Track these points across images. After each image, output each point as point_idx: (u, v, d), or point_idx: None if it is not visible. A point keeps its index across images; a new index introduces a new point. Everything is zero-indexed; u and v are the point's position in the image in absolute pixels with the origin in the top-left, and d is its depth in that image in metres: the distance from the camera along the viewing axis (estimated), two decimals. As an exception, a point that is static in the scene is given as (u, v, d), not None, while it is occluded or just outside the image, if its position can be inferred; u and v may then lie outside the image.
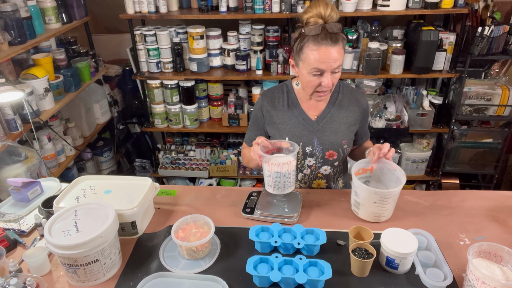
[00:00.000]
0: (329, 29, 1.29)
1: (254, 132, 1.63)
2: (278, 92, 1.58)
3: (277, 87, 1.61)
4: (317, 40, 1.30)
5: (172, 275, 1.14)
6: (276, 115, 1.56)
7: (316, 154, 1.55)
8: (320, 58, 1.31)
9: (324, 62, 1.31)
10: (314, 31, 1.30)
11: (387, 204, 1.30)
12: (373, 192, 1.28)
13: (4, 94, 1.82)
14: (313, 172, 1.59)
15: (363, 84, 2.70)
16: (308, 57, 1.33)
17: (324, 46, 1.29)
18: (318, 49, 1.30)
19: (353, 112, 1.55)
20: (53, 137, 2.47)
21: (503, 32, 2.39)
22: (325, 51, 1.30)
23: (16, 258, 1.26)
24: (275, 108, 1.56)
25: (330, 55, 1.30)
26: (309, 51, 1.32)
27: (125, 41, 3.16)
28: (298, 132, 1.53)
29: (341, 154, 1.56)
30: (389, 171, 1.40)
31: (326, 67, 1.32)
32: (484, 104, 2.63)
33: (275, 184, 1.33)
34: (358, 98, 1.56)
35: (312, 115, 1.54)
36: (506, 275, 1.03)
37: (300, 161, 1.57)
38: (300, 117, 1.54)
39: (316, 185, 1.62)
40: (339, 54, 1.32)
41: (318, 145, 1.54)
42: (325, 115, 1.54)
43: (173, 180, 3.18)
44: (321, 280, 1.07)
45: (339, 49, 1.32)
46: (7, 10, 2.09)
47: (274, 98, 1.57)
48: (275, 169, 1.29)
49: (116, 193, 1.35)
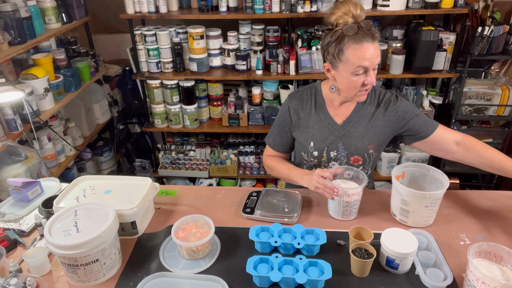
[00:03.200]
0: (365, 27, 1.29)
1: (280, 135, 1.60)
2: (307, 94, 1.55)
3: (306, 88, 1.57)
4: (357, 38, 1.29)
5: (172, 275, 1.14)
6: (303, 118, 1.53)
7: (341, 159, 1.52)
8: (363, 56, 1.29)
9: (368, 59, 1.30)
10: (352, 30, 1.29)
11: (437, 205, 1.29)
12: (425, 196, 1.24)
13: (4, 94, 1.82)
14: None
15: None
16: (351, 57, 1.31)
17: (366, 43, 1.29)
18: (360, 47, 1.29)
19: (381, 114, 1.48)
20: (53, 137, 2.47)
21: (503, 32, 2.39)
22: (367, 48, 1.29)
23: (16, 258, 1.26)
24: (303, 110, 1.53)
25: (372, 52, 1.30)
26: (351, 50, 1.30)
27: (125, 41, 3.16)
28: (323, 136, 1.50)
29: (367, 159, 1.52)
30: (421, 174, 1.40)
31: (370, 64, 1.31)
32: (484, 104, 2.63)
33: (343, 212, 1.35)
34: (389, 102, 1.49)
35: (338, 120, 1.51)
36: (506, 275, 1.03)
37: (324, 164, 1.54)
38: (326, 121, 1.51)
39: None
40: (378, 50, 1.32)
41: (343, 150, 1.51)
42: (351, 119, 1.50)
43: (173, 180, 3.18)
44: (321, 280, 1.07)
45: (377, 45, 1.32)
46: (7, 10, 2.09)
47: (302, 100, 1.54)
48: (346, 199, 1.31)
49: (116, 193, 1.35)
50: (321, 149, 1.51)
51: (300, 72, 2.66)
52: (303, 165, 1.60)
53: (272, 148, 1.64)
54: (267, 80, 2.78)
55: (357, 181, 1.39)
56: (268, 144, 1.65)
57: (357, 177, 1.39)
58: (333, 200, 1.35)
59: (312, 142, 1.51)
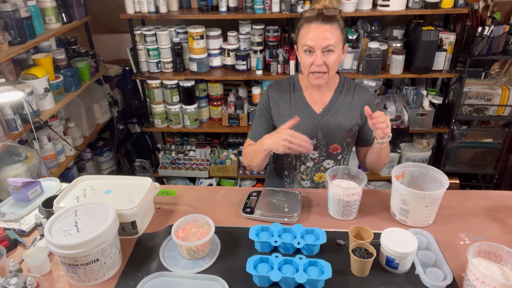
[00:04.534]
0: (324, 12, 1.38)
1: (262, 125, 1.62)
2: (285, 84, 1.61)
3: (284, 80, 1.63)
4: (309, 20, 1.40)
5: (172, 275, 1.14)
6: (282, 107, 1.58)
7: (320, 147, 1.57)
8: (310, 35, 1.39)
9: (313, 39, 1.38)
10: (309, 13, 1.40)
11: (436, 205, 1.29)
12: (424, 196, 1.24)
13: (4, 94, 1.82)
14: (316, 165, 1.61)
15: (363, 84, 2.70)
16: (301, 36, 1.42)
17: (314, 24, 1.39)
18: (308, 26, 1.40)
19: (357, 107, 1.56)
20: (53, 137, 2.47)
21: (503, 32, 2.39)
22: (314, 28, 1.38)
23: (16, 258, 1.26)
24: (282, 99, 1.58)
25: (319, 33, 1.37)
26: (302, 29, 1.42)
27: (125, 41, 3.17)
28: (303, 125, 1.54)
29: (345, 148, 1.58)
30: (421, 174, 1.40)
31: (315, 44, 1.38)
32: (484, 104, 2.63)
33: (343, 212, 1.36)
34: (362, 94, 1.58)
35: (317, 108, 1.56)
36: (505, 274, 1.04)
37: (304, 154, 1.58)
38: (305, 110, 1.56)
39: (318, 178, 1.64)
40: (331, 34, 1.38)
41: (323, 139, 1.55)
42: (329, 109, 1.55)
43: (173, 180, 3.18)
44: (321, 280, 1.07)
45: (331, 30, 1.38)
46: (7, 10, 2.09)
47: (281, 89, 1.59)
48: (346, 199, 1.32)
49: (116, 193, 1.35)
50: None
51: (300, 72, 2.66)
52: (283, 156, 1.64)
53: (253, 139, 1.62)
54: (267, 80, 2.78)
55: (357, 181, 1.39)
56: (249, 136, 1.66)
57: (357, 177, 1.39)
58: (332, 200, 1.35)
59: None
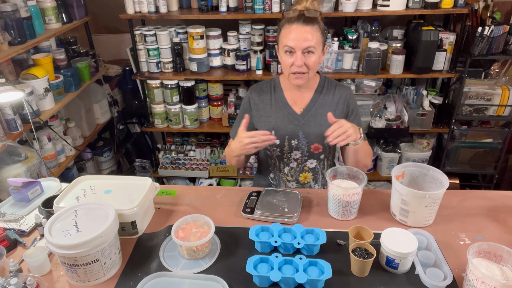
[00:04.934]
0: (306, 13, 1.40)
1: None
2: (266, 86, 1.63)
3: (266, 81, 1.66)
4: (290, 20, 1.42)
5: (172, 275, 1.14)
6: (263, 109, 1.60)
7: (302, 148, 1.58)
8: (290, 36, 1.40)
9: (294, 39, 1.40)
10: (290, 14, 1.41)
11: (436, 205, 1.29)
12: (424, 196, 1.24)
13: (4, 94, 1.82)
14: (299, 165, 1.62)
15: (363, 84, 2.70)
16: (282, 37, 1.44)
17: (295, 25, 1.40)
18: (289, 27, 1.41)
19: (337, 105, 1.58)
20: (53, 137, 2.47)
21: (503, 32, 2.39)
22: (295, 29, 1.40)
23: (16, 258, 1.26)
24: (262, 101, 1.60)
25: (300, 34, 1.39)
26: (283, 30, 1.44)
27: (125, 41, 3.17)
28: (283, 125, 1.57)
29: (327, 147, 1.59)
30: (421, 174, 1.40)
31: (295, 45, 1.40)
32: (484, 104, 2.63)
33: (343, 212, 1.36)
34: (342, 91, 1.60)
35: (298, 109, 1.58)
36: (505, 274, 1.04)
37: (286, 154, 1.59)
38: (285, 111, 1.58)
39: (302, 178, 1.64)
40: (311, 35, 1.40)
41: (304, 139, 1.56)
42: (309, 109, 1.57)
43: (173, 180, 3.18)
44: (321, 280, 1.07)
45: (312, 31, 1.40)
46: (7, 10, 2.09)
47: (262, 91, 1.62)
48: (346, 199, 1.32)
49: (116, 193, 1.35)
50: (282, 138, 1.57)
51: (300, 72, 2.66)
52: (266, 157, 1.65)
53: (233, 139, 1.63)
54: (267, 80, 2.78)
55: (357, 181, 1.39)
56: (231, 136, 1.69)
57: (357, 177, 1.40)
58: (332, 200, 1.35)
59: (273, 131, 1.56)
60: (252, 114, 1.62)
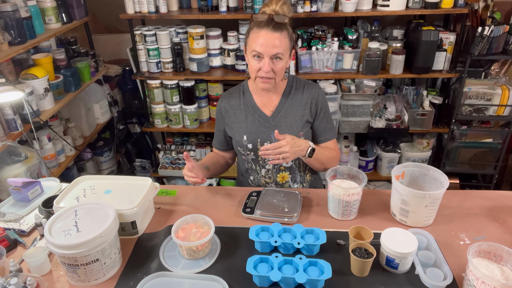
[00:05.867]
0: (275, 19, 1.39)
1: (218, 134, 1.71)
2: (235, 92, 1.65)
3: (235, 88, 1.67)
4: (260, 25, 1.40)
5: (172, 275, 1.14)
6: (234, 115, 1.61)
7: None
8: (259, 41, 1.40)
9: (263, 45, 1.39)
10: (259, 18, 1.40)
11: (436, 205, 1.29)
12: (424, 196, 1.24)
13: (4, 94, 1.82)
14: (275, 166, 1.63)
15: (363, 84, 2.70)
16: (251, 41, 1.43)
17: (264, 30, 1.39)
18: (258, 32, 1.40)
19: (306, 104, 1.59)
20: (53, 137, 2.47)
21: (503, 32, 2.39)
22: (264, 35, 1.39)
23: (16, 258, 1.26)
24: (233, 108, 1.62)
25: (269, 40, 1.39)
26: (252, 34, 1.43)
27: (125, 41, 3.16)
28: (255, 129, 1.58)
29: None
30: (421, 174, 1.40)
31: (264, 51, 1.40)
32: (484, 104, 2.63)
33: (343, 212, 1.36)
34: (310, 89, 1.60)
35: (268, 111, 1.59)
36: (505, 274, 1.04)
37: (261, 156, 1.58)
38: (256, 115, 1.59)
39: (280, 178, 1.65)
40: (280, 42, 1.40)
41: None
42: (279, 110, 1.59)
43: (173, 180, 3.18)
44: (321, 280, 1.07)
45: (280, 38, 1.40)
46: (7, 10, 2.09)
47: (231, 98, 1.63)
48: (346, 199, 1.32)
49: (116, 193, 1.35)
50: (255, 141, 1.58)
51: (300, 72, 2.66)
52: (243, 161, 1.68)
53: (214, 146, 1.76)
54: (267, 80, 2.78)
55: (357, 181, 1.39)
56: (214, 146, 1.78)
57: (357, 177, 1.39)
58: (332, 200, 1.35)
59: (245, 135, 1.58)
60: (225, 122, 1.65)
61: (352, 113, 2.75)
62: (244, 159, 1.67)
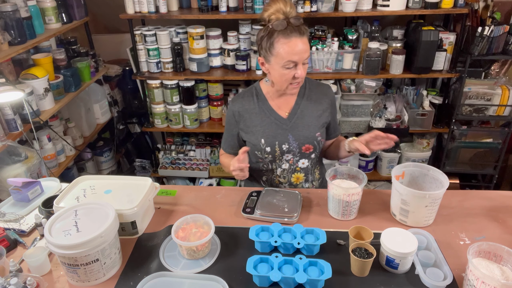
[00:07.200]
0: (293, 23, 1.37)
1: (230, 138, 1.68)
2: (248, 95, 1.62)
3: (247, 90, 1.64)
4: (286, 33, 1.37)
5: (172, 275, 1.14)
6: (249, 119, 1.59)
7: (293, 150, 1.58)
8: (292, 50, 1.37)
9: (296, 53, 1.38)
10: (281, 25, 1.37)
11: (436, 205, 1.29)
12: (424, 196, 1.24)
13: (4, 94, 1.82)
14: (291, 166, 1.62)
15: (363, 84, 2.70)
16: (280, 52, 1.38)
17: (294, 38, 1.37)
18: (289, 41, 1.37)
19: (322, 105, 1.59)
20: (53, 137, 2.47)
21: (503, 32, 2.39)
22: (295, 43, 1.37)
23: (16, 258, 1.26)
24: (247, 111, 1.59)
25: (300, 47, 1.38)
26: (280, 45, 1.38)
27: (125, 41, 3.16)
28: (272, 132, 1.56)
29: (317, 146, 1.60)
30: (421, 174, 1.40)
31: (299, 59, 1.39)
32: (484, 104, 2.63)
33: (343, 212, 1.36)
34: (325, 91, 1.62)
35: (283, 113, 1.58)
36: (505, 274, 1.04)
37: (278, 158, 1.59)
38: (272, 117, 1.58)
39: (295, 179, 1.65)
40: (306, 45, 1.40)
41: (294, 141, 1.57)
42: (295, 111, 1.58)
43: (173, 180, 3.18)
44: (321, 280, 1.07)
45: (306, 41, 1.40)
46: (7, 10, 2.09)
47: (244, 101, 1.61)
48: (346, 199, 1.32)
49: (116, 193, 1.35)
50: (273, 144, 1.57)
51: (300, 72, 2.66)
52: (259, 164, 1.64)
53: (225, 150, 1.72)
54: (267, 80, 2.78)
55: (357, 181, 1.39)
56: (222, 147, 1.74)
57: (357, 177, 1.39)
58: (332, 200, 1.35)
59: (263, 139, 1.56)
60: (239, 127, 1.62)
61: (352, 113, 2.75)
62: (260, 161, 1.63)
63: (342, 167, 1.43)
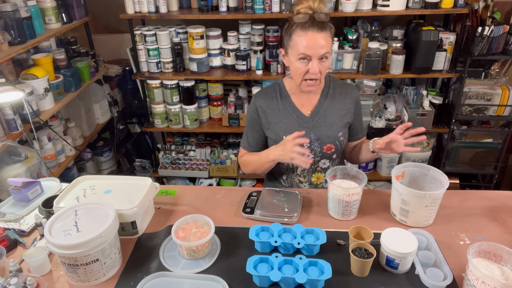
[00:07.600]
0: (316, 18, 1.37)
1: (253, 135, 1.64)
2: (271, 91, 1.61)
3: (270, 86, 1.63)
4: (304, 26, 1.37)
5: (172, 275, 1.14)
6: (271, 115, 1.58)
7: (315, 149, 1.57)
8: (307, 43, 1.37)
9: (311, 47, 1.37)
10: (302, 19, 1.37)
11: (436, 205, 1.29)
12: (424, 196, 1.24)
13: (4, 94, 1.82)
14: (312, 165, 1.61)
15: (363, 84, 2.70)
16: (296, 43, 1.39)
17: (310, 32, 1.36)
18: (305, 34, 1.37)
19: (345, 105, 1.58)
20: (53, 137, 2.47)
21: (503, 32, 2.39)
22: (311, 37, 1.36)
23: (16, 258, 1.26)
24: (270, 108, 1.58)
25: (316, 41, 1.36)
26: (297, 37, 1.39)
27: (125, 41, 3.17)
28: (294, 129, 1.54)
29: (339, 146, 1.59)
30: (421, 174, 1.40)
31: (313, 53, 1.37)
32: (484, 104, 2.63)
33: (343, 212, 1.35)
34: (349, 91, 1.60)
35: (306, 111, 1.57)
36: (505, 274, 1.04)
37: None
38: (294, 115, 1.56)
39: (315, 179, 1.64)
40: (326, 42, 1.38)
41: (315, 140, 1.56)
42: (318, 110, 1.57)
43: (173, 180, 3.18)
44: (321, 280, 1.07)
45: (326, 37, 1.38)
46: (7, 10, 2.09)
47: (267, 97, 1.59)
48: (346, 199, 1.31)
49: (116, 193, 1.35)
50: None
51: (300, 72, 2.66)
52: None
53: (247, 149, 1.67)
54: (267, 80, 2.78)
55: (357, 181, 1.39)
56: (243, 147, 1.69)
57: (357, 177, 1.39)
58: (332, 200, 1.35)
59: (285, 136, 1.53)
60: (261, 122, 1.60)
61: (352, 113, 2.75)
62: None
63: (342, 167, 1.43)
